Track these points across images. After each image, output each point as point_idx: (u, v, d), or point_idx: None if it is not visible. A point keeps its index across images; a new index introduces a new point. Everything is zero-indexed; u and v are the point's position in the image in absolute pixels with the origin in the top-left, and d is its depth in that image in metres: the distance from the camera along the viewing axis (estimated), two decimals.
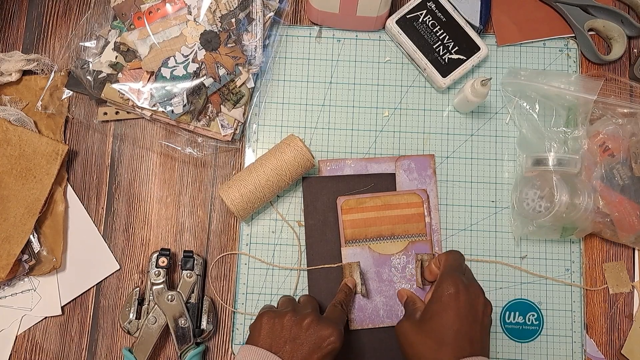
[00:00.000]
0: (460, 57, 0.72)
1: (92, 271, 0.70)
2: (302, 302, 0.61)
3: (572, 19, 0.74)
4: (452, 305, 0.54)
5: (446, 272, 0.57)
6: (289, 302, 0.61)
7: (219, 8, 0.69)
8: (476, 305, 0.55)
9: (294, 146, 0.66)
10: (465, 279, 0.56)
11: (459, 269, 0.58)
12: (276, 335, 0.56)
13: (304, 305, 0.60)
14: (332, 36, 0.75)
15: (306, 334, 0.55)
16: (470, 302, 0.54)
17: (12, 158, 0.68)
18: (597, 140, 0.68)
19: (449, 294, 0.54)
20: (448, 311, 0.54)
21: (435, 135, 0.73)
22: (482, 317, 0.54)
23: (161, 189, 0.72)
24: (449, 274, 0.56)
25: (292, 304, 0.60)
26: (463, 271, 0.58)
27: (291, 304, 0.60)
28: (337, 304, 0.62)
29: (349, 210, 0.69)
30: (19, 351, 0.68)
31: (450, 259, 0.59)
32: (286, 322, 0.56)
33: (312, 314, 0.57)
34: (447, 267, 0.58)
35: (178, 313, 0.65)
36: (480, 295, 0.55)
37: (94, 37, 0.71)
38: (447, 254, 0.60)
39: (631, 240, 0.68)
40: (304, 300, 0.62)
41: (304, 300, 0.61)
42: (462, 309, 0.53)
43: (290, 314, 0.57)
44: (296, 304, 0.61)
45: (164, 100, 0.68)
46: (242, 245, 0.70)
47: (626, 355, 0.68)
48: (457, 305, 0.54)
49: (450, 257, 0.59)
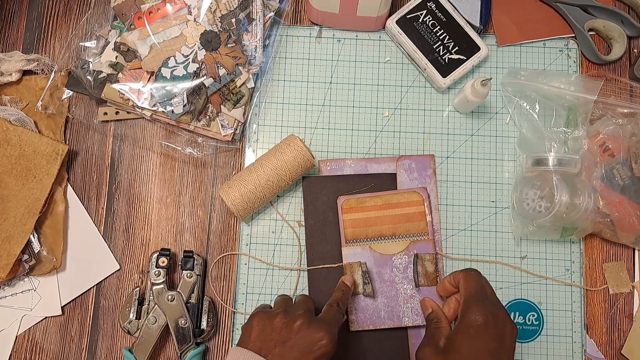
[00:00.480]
0: (460, 57, 0.72)
1: (92, 271, 0.70)
2: (297, 302, 0.59)
3: (572, 19, 0.74)
4: (481, 338, 0.52)
5: (472, 299, 0.55)
6: (282, 302, 0.58)
7: (219, 8, 0.69)
8: (504, 333, 0.53)
9: (294, 146, 0.66)
10: (491, 305, 0.54)
11: (483, 294, 0.55)
12: (266, 338, 0.54)
13: (297, 306, 0.57)
14: (332, 36, 0.75)
15: (297, 336, 0.53)
16: (498, 332, 0.52)
17: (12, 158, 0.68)
18: (597, 140, 0.68)
19: (477, 325, 0.52)
20: (476, 344, 0.51)
21: (435, 135, 0.73)
22: (509, 343, 0.53)
23: (161, 189, 0.72)
24: (475, 302, 0.54)
25: (285, 305, 0.58)
26: (486, 294, 0.56)
27: (284, 304, 0.58)
28: (334, 304, 0.59)
29: (350, 209, 0.69)
30: (19, 351, 0.68)
31: (472, 283, 0.56)
32: (276, 324, 0.54)
33: (303, 315, 0.55)
34: (472, 293, 0.55)
35: (178, 313, 0.65)
36: (508, 322, 0.54)
37: (94, 37, 0.71)
38: (466, 275, 0.58)
39: (631, 240, 0.68)
40: (299, 300, 0.59)
41: (298, 301, 0.59)
42: (490, 342, 0.52)
43: (281, 315, 0.55)
44: (290, 304, 0.58)
45: (164, 100, 0.68)
46: (242, 245, 0.70)
47: (626, 355, 0.68)
48: (486, 338, 0.52)
49: (472, 281, 0.57)
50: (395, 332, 0.67)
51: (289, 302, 0.59)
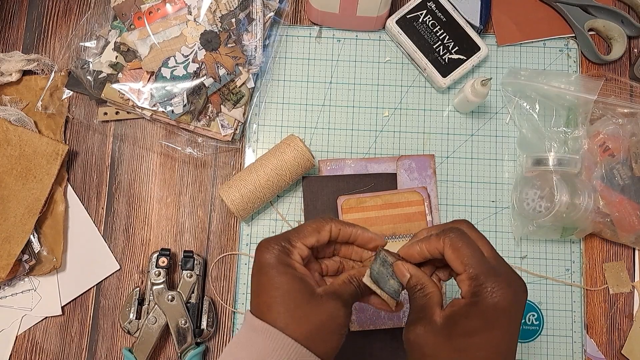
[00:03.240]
0: (460, 57, 0.72)
1: (92, 271, 0.70)
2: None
3: (572, 19, 0.74)
4: (501, 323, 0.40)
5: (480, 271, 0.41)
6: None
7: (219, 8, 0.69)
8: (523, 308, 0.42)
9: (294, 146, 0.66)
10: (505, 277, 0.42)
11: (487, 265, 0.42)
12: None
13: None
14: (332, 36, 0.75)
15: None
16: (521, 311, 0.42)
17: (13, 158, 0.68)
18: (597, 140, 0.68)
19: (495, 306, 0.40)
20: (496, 330, 0.40)
21: (435, 135, 0.73)
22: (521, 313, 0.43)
23: (161, 189, 0.72)
24: (486, 275, 0.41)
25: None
26: (490, 263, 0.42)
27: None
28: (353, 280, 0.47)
29: (350, 209, 0.69)
30: (19, 351, 0.68)
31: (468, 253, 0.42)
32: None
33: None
34: (477, 261, 0.42)
35: (178, 313, 0.65)
36: (525, 292, 0.43)
37: (94, 37, 0.71)
38: (453, 244, 0.43)
39: (631, 240, 0.68)
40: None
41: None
42: (513, 325, 0.41)
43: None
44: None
45: (164, 100, 0.68)
46: (242, 245, 0.70)
47: (626, 355, 0.68)
48: (508, 322, 0.41)
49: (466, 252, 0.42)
50: (396, 333, 0.67)
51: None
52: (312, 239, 0.46)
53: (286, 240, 0.45)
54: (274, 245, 0.45)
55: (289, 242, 0.45)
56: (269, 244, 0.45)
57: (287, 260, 0.45)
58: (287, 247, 0.45)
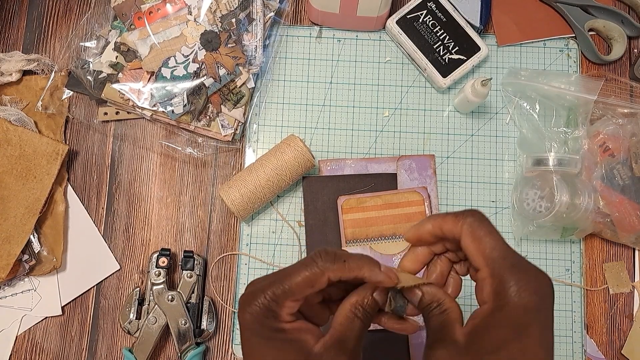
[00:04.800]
0: (460, 57, 0.72)
1: (92, 271, 0.70)
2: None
3: (572, 19, 0.74)
4: (534, 328, 0.34)
5: (504, 266, 0.37)
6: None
7: (219, 8, 0.69)
8: (553, 307, 0.37)
9: (294, 146, 0.66)
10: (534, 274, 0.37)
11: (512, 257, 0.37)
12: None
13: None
14: (332, 36, 0.75)
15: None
16: (552, 310, 0.36)
17: (13, 158, 0.68)
18: (597, 140, 0.68)
19: (524, 308, 0.35)
20: (529, 338, 0.34)
21: (435, 135, 0.73)
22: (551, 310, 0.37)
23: (161, 189, 0.72)
24: (511, 272, 0.36)
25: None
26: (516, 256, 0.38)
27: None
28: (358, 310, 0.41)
29: (350, 209, 0.69)
30: (19, 351, 0.68)
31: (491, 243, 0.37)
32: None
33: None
34: (500, 255, 0.37)
35: (178, 313, 0.65)
36: (552, 287, 0.37)
37: (94, 37, 0.71)
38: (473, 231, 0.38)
39: (631, 240, 0.68)
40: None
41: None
42: (547, 329, 0.35)
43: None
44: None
45: (164, 100, 0.68)
46: (242, 245, 0.70)
47: (626, 355, 0.68)
48: (541, 325, 0.35)
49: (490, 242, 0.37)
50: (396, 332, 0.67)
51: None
52: (303, 293, 0.38)
53: (272, 297, 0.37)
54: (257, 305, 0.37)
55: (275, 300, 0.37)
56: (251, 303, 0.38)
57: (272, 324, 0.37)
58: (273, 309, 0.37)
